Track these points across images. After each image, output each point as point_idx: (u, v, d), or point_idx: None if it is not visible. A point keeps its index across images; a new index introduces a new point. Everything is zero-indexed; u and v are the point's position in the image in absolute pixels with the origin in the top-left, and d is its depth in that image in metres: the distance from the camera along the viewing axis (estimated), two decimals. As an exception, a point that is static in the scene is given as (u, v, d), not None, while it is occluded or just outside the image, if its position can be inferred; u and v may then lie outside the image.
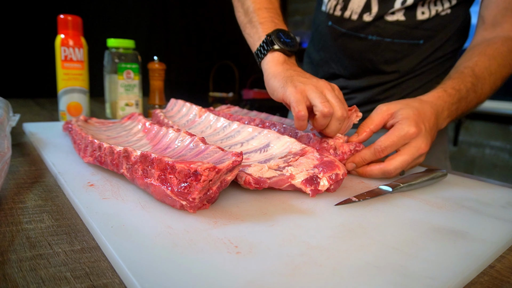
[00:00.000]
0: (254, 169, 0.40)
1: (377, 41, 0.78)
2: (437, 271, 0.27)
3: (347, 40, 0.81)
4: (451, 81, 0.58)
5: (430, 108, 0.53)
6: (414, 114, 0.50)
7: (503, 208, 0.41)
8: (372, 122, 0.52)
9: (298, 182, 0.40)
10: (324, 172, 0.41)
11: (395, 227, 0.34)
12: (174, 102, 0.73)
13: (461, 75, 0.59)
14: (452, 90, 0.57)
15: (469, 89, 0.58)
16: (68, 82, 0.82)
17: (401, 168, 0.48)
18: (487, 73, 0.60)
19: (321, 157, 0.43)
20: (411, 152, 0.48)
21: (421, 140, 0.49)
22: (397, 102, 0.53)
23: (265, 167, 0.41)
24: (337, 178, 0.41)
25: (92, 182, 0.41)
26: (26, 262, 0.27)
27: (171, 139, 0.45)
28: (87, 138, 0.48)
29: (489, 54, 0.62)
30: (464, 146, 2.80)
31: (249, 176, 0.39)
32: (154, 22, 2.67)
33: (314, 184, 0.40)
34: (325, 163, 0.42)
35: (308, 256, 0.28)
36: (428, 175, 0.46)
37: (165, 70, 0.98)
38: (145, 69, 0.97)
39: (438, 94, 0.56)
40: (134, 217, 0.33)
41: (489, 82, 0.61)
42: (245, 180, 0.39)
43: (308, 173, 0.41)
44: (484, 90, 0.60)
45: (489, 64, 0.61)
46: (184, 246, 0.28)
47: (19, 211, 0.36)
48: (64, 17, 0.79)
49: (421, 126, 0.49)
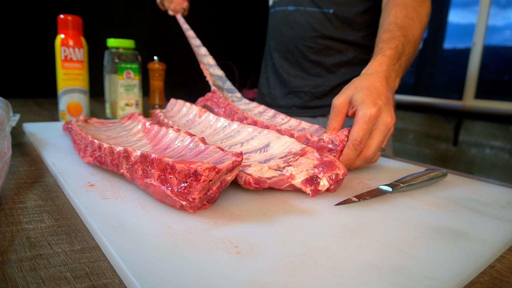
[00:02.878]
0: (254, 169, 0.40)
1: (294, 10, 0.89)
2: (437, 271, 0.27)
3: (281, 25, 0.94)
4: (385, 43, 0.62)
5: (378, 78, 0.55)
6: (367, 94, 0.51)
7: (503, 208, 0.41)
8: (335, 121, 0.54)
9: (298, 182, 0.40)
10: (324, 172, 0.41)
11: (395, 227, 0.34)
12: (174, 102, 0.73)
13: (389, 33, 0.63)
14: (389, 51, 0.60)
15: (403, 43, 0.62)
16: (68, 82, 0.82)
17: (378, 149, 0.50)
18: (409, 19, 0.66)
19: (321, 157, 0.43)
20: (381, 131, 0.50)
21: (385, 114, 0.50)
22: (346, 89, 0.55)
23: (265, 167, 0.41)
24: (337, 178, 0.41)
25: (92, 182, 0.41)
26: (26, 262, 0.27)
27: (171, 139, 0.45)
28: (87, 138, 0.48)
29: (400, 3, 0.69)
30: (464, 146, 2.80)
31: (249, 176, 0.39)
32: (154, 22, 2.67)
33: (314, 184, 0.40)
34: (325, 163, 0.42)
35: (308, 256, 0.28)
36: (428, 175, 0.46)
37: (165, 70, 0.98)
38: (145, 69, 0.97)
39: (379, 61, 0.58)
40: (134, 217, 0.33)
41: (415, 26, 0.66)
42: (245, 180, 0.39)
43: (308, 173, 0.41)
44: (415, 36, 0.65)
45: (406, 11, 0.67)
46: (184, 246, 0.28)
47: (19, 211, 0.36)
48: (64, 17, 0.79)
49: (378, 102, 0.50)
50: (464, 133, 2.79)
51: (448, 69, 3.02)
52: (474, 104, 2.81)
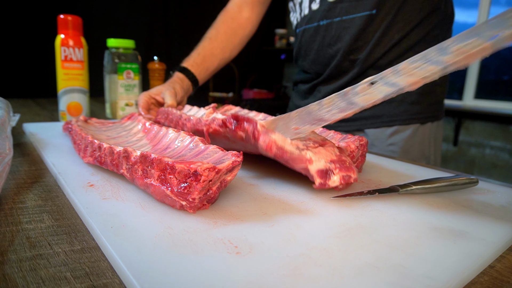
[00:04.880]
0: (278, 136, 0.40)
1: (328, 24, 0.81)
2: (437, 271, 0.27)
3: (310, 38, 0.86)
4: None
5: None
6: None
7: (503, 208, 0.41)
8: None
9: (313, 168, 0.39)
10: (340, 170, 0.40)
11: (395, 227, 0.34)
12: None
13: None
14: None
15: None
16: (68, 82, 0.82)
17: None
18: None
19: (341, 154, 0.42)
20: None
21: None
22: None
23: (288, 140, 0.40)
24: (348, 180, 0.40)
25: (92, 183, 0.41)
26: (26, 262, 0.27)
27: (171, 139, 0.45)
28: (87, 139, 0.48)
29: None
30: (464, 146, 2.80)
31: (273, 142, 0.38)
32: (154, 22, 2.67)
33: (325, 178, 0.40)
34: (343, 161, 0.41)
35: (308, 256, 0.28)
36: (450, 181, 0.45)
37: (165, 70, 0.98)
38: (145, 69, 0.97)
39: None
40: (134, 218, 0.33)
41: None
42: (268, 144, 0.38)
43: (325, 165, 0.40)
44: None
45: None
46: (184, 246, 0.28)
47: (19, 211, 0.36)
48: (64, 17, 0.79)
49: None
50: (464, 133, 2.79)
51: (448, 69, 3.01)
52: (474, 104, 2.81)
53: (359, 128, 0.85)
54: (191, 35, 2.95)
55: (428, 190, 0.43)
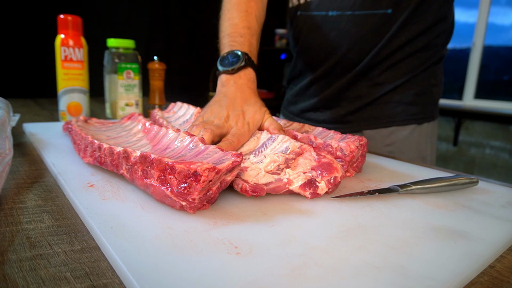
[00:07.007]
0: (250, 174, 0.40)
1: (337, 16, 0.75)
2: (437, 271, 0.27)
3: (313, 27, 0.80)
4: None
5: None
6: None
7: (503, 208, 0.41)
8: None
9: (296, 187, 0.39)
10: (322, 176, 0.40)
11: (395, 227, 0.34)
12: (173, 105, 0.73)
13: None
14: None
15: None
16: (68, 82, 0.81)
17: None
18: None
19: (319, 157, 0.42)
20: None
21: None
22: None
23: (261, 172, 0.40)
24: (335, 181, 0.40)
25: (92, 183, 0.41)
26: (26, 262, 0.27)
27: (171, 140, 0.45)
28: (87, 139, 0.48)
29: None
30: (464, 146, 2.80)
31: (246, 184, 0.38)
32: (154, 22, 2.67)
33: (312, 187, 0.40)
34: (323, 165, 0.41)
35: (308, 256, 0.28)
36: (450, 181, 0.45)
37: (165, 70, 0.98)
38: (145, 69, 0.97)
39: None
40: (134, 218, 0.33)
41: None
42: (241, 188, 0.38)
43: (306, 177, 0.40)
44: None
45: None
46: (184, 246, 0.28)
47: (19, 211, 0.36)
48: (64, 17, 0.79)
49: None
50: (464, 133, 2.79)
51: (448, 69, 3.02)
52: (474, 104, 2.81)
53: (356, 129, 0.84)
54: (191, 35, 2.95)
55: (428, 190, 0.43)
